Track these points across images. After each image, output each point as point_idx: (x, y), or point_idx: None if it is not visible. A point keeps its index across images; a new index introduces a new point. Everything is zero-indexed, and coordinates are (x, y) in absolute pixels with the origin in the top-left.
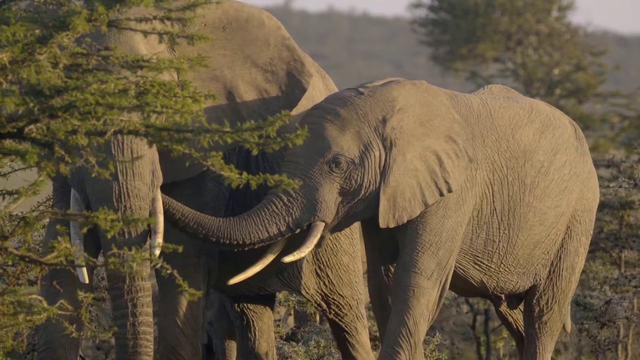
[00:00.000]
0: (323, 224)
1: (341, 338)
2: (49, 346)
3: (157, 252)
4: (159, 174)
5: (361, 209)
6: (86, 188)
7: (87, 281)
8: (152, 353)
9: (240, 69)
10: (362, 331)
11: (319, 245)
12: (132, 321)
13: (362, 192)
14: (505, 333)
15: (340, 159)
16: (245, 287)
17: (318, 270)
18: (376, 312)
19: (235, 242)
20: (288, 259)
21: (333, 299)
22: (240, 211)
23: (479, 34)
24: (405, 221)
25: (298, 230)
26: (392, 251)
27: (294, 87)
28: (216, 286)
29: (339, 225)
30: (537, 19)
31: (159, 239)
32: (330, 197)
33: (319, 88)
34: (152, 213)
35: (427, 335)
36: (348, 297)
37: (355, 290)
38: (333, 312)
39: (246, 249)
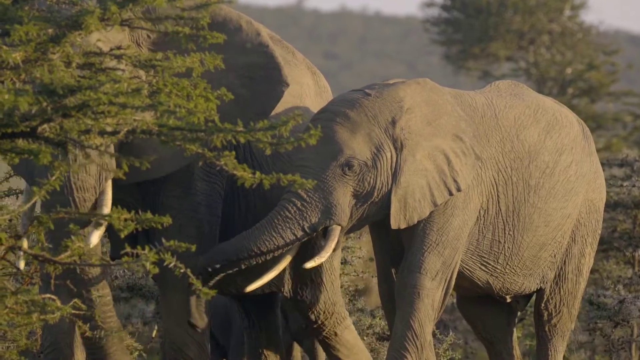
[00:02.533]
0: (339, 227)
1: (321, 340)
2: (55, 347)
3: (94, 241)
4: (111, 167)
5: (374, 211)
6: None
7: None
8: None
9: (216, 73)
10: (342, 333)
11: (335, 248)
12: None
13: (375, 194)
14: (520, 332)
15: (353, 161)
16: (235, 288)
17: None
18: (388, 316)
19: (254, 254)
20: (309, 264)
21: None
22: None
23: (491, 33)
24: (416, 221)
25: (314, 234)
26: (400, 253)
27: (270, 93)
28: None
29: (352, 228)
30: (549, 18)
31: (101, 231)
32: (344, 200)
33: (308, 85)
34: (98, 206)
35: (440, 334)
36: (324, 303)
37: (330, 293)
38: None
39: (268, 257)
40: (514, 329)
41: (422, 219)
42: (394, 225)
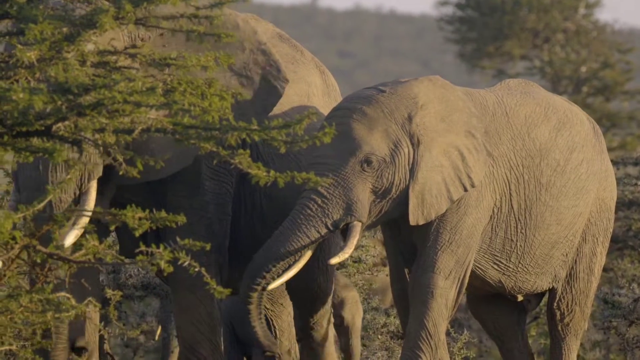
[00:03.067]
0: (360, 223)
1: (306, 345)
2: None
3: (69, 241)
4: (97, 170)
5: (392, 207)
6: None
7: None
8: None
9: (214, 72)
10: (316, 334)
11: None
12: None
13: (394, 190)
14: (534, 331)
15: (372, 158)
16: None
17: None
18: (400, 315)
19: (283, 258)
20: (334, 260)
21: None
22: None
23: (506, 32)
24: (433, 218)
25: (336, 231)
26: (413, 253)
27: (269, 92)
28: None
29: (368, 226)
30: (564, 17)
31: (77, 231)
32: (364, 197)
33: (315, 84)
34: (80, 206)
35: (455, 332)
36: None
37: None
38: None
39: (297, 258)
40: (525, 327)
41: (437, 217)
42: (412, 221)
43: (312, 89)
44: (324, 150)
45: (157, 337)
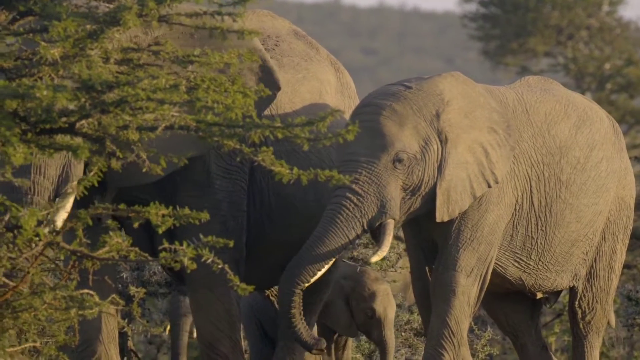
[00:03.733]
0: (393, 221)
1: None
2: (89, 344)
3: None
4: (76, 172)
5: (419, 204)
6: None
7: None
8: None
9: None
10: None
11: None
12: None
13: (423, 187)
14: (558, 328)
15: (403, 155)
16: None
17: None
18: (422, 312)
19: (324, 260)
20: (374, 259)
21: None
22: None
23: (529, 29)
24: (457, 214)
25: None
26: (434, 250)
27: (262, 98)
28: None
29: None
30: (588, 14)
31: (64, 213)
32: (396, 194)
33: (328, 81)
34: (60, 194)
35: (478, 330)
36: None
37: None
38: None
39: (335, 259)
40: (539, 322)
41: (460, 214)
42: (438, 218)
43: (324, 86)
44: (354, 148)
45: (167, 331)
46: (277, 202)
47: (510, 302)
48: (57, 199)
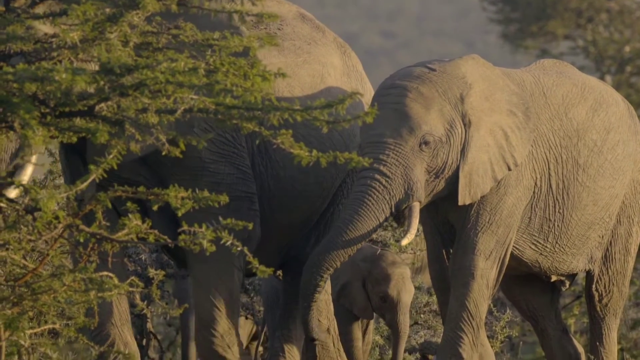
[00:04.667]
0: (419, 203)
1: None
2: (102, 328)
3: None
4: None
5: (442, 187)
6: None
7: None
8: None
9: None
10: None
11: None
12: None
13: (446, 170)
14: (577, 310)
15: (429, 138)
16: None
17: None
18: (439, 295)
19: (356, 246)
20: (404, 242)
21: None
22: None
23: (549, 12)
24: (479, 197)
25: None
26: (451, 234)
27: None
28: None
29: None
30: None
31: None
32: (422, 177)
33: (332, 64)
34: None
35: (497, 312)
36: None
37: None
38: None
39: (363, 243)
40: (559, 306)
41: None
42: (460, 201)
43: (327, 69)
44: (380, 129)
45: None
46: (277, 185)
47: (530, 287)
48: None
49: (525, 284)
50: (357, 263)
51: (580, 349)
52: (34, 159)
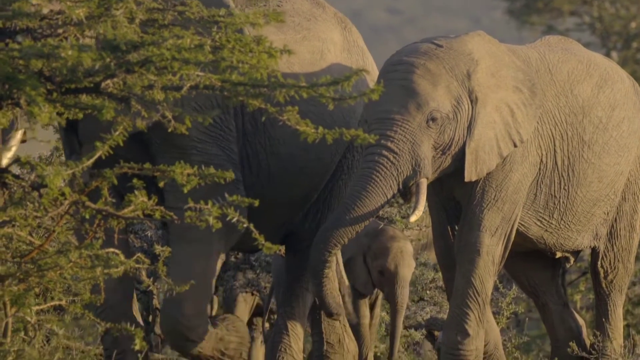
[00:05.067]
0: (426, 180)
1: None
2: (107, 305)
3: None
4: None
5: (448, 163)
6: None
7: None
8: None
9: None
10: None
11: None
12: None
13: (453, 146)
14: (583, 286)
15: (436, 114)
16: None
17: None
18: (444, 271)
19: (364, 222)
20: (413, 218)
21: None
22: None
23: None
24: (485, 174)
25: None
26: (456, 210)
27: None
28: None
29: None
30: None
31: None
32: (429, 153)
33: (332, 40)
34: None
35: (503, 288)
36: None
37: None
38: None
39: (371, 219)
40: (560, 281)
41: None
42: (467, 178)
43: (326, 45)
44: (388, 106)
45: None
46: (275, 162)
47: (531, 262)
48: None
49: (527, 259)
50: (359, 238)
51: (582, 322)
52: (19, 134)
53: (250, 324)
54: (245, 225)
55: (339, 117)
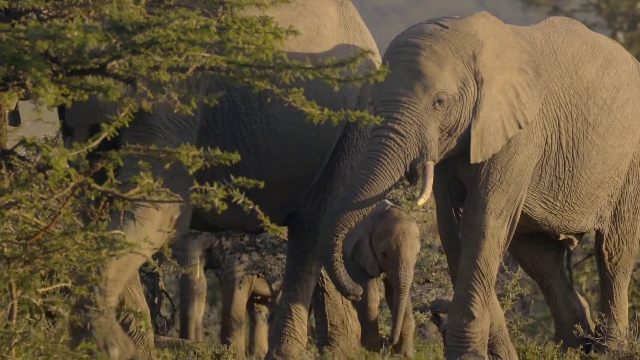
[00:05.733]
0: (433, 162)
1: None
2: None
3: None
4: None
5: (454, 145)
6: None
7: None
8: None
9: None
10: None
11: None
12: None
13: (459, 128)
14: (588, 267)
15: (443, 96)
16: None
17: None
18: (448, 253)
19: (370, 205)
20: (420, 202)
21: None
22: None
23: None
24: (490, 156)
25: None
26: (460, 192)
27: None
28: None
29: None
30: None
31: None
32: (436, 135)
33: (328, 16)
34: None
35: (509, 270)
36: None
37: None
38: None
39: (377, 203)
40: (563, 263)
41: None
42: (472, 159)
43: (322, 21)
44: (394, 87)
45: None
46: (274, 140)
47: (535, 245)
48: None
49: (530, 242)
50: (366, 220)
51: (585, 304)
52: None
53: (251, 307)
54: (250, 207)
55: (338, 95)
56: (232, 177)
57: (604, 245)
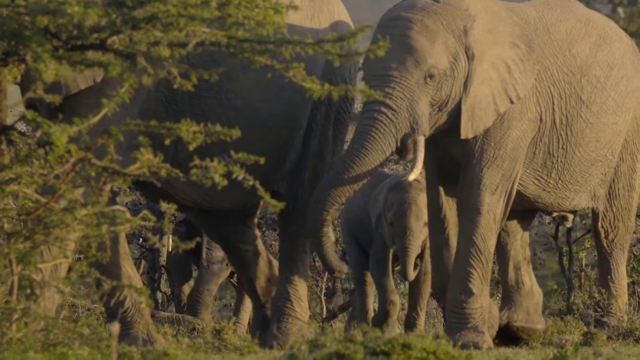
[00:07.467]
0: (423, 137)
1: None
2: (99, 265)
3: None
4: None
5: (444, 120)
6: None
7: None
8: None
9: None
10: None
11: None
12: None
13: (449, 103)
14: (588, 243)
15: (434, 71)
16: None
17: None
18: (430, 231)
19: (362, 180)
20: (412, 177)
21: None
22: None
23: None
24: (481, 131)
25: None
26: (454, 165)
27: None
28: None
29: None
30: None
31: None
32: (426, 110)
33: None
34: None
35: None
36: None
37: None
38: None
39: (368, 178)
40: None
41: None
42: (463, 135)
43: None
44: (385, 62)
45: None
46: (236, 117)
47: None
48: None
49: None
50: (386, 193)
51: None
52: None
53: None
54: (251, 183)
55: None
56: (232, 152)
57: (599, 223)
